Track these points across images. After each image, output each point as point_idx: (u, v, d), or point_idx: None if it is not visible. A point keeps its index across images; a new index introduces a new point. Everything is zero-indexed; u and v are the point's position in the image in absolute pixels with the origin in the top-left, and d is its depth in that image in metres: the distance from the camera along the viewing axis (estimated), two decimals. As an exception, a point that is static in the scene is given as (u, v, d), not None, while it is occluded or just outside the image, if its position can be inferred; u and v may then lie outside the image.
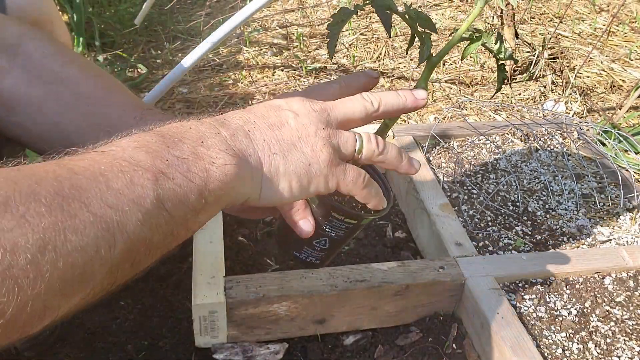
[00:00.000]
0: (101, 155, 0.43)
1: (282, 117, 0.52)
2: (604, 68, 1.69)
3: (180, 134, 0.47)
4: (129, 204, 0.41)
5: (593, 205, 1.01)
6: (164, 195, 0.43)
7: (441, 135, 1.13)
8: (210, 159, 0.47)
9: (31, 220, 0.35)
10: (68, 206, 0.37)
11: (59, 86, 0.66)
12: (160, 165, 0.44)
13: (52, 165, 0.40)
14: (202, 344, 0.76)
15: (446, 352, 0.77)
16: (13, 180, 0.36)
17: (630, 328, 0.77)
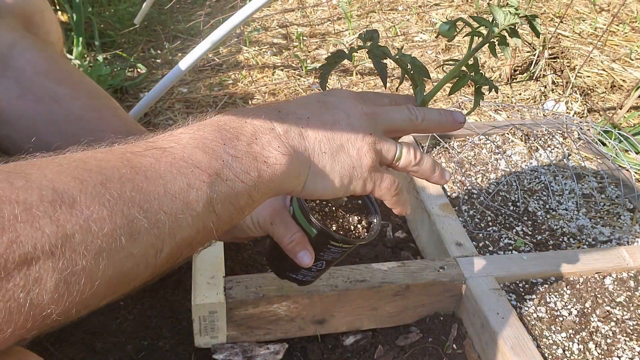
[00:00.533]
0: (162, 153, 0.43)
1: (335, 116, 0.53)
2: (604, 68, 1.68)
3: (236, 128, 0.48)
4: (182, 208, 0.42)
5: (593, 205, 1.01)
6: (216, 198, 0.44)
7: (441, 135, 1.13)
8: (263, 157, 0.47)
9: (93, 226, 0.35)
10: (128, 210, 0.38)
11: (51, 104, 0.65)
12: (216, 165, 0.44)
13: (116, 160, 0.40)
14: (202, 344, 0.76)
15: (446, 353, 0.77)
16: (80, 178, 0.36)
17: (630, 328, 0.77)
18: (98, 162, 0.39)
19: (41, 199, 0.34)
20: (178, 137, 0.45)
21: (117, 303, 0.87)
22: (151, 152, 0.42)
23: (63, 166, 0.37)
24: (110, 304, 0.86)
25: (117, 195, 0.37)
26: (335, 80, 1.59)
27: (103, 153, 0.40)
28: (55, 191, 0.35)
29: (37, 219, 0.33)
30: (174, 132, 0.46)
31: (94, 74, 1.46)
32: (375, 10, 1.96)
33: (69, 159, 0.38)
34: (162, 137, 0.45)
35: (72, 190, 0.35)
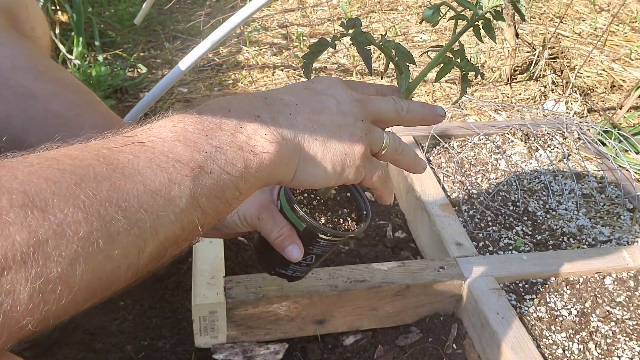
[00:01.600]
0: (140, 148, 0.41)
1: (324, 102, 0.52)
2: (604, 68, 1.68)
3: (219, 118, 0.46)
4: (164, 205, 0.40)
5: (593, 205, 1.01)
6: (200, 192, 0.42)
7: (441, 135, 1.13)
8: (249, 146, 0.45)
9: (68, 230, 0.34)
10: (105, 211, 0.36)
11: (28, 101, 0.63)
12: (198, 158, 0.42)
13: (91, 157, 0.38)
14: (202, 344, 0.76)
15: (446, 353, 0.77)
16: (53, 179, 0.35)
17: (630, 328, 0.77)
18: (72, 161, 0.37)
19: (11, 204, 0.32)
20: (158, 130, 0.43)
21: (117, 303, 0.87)
22: (129, 148, 0.40)
23: (34, 166, 0.35)
24: (109, 305, 0.86)
25: (92, 195, 0.35)
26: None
27: (78, 150, 0.38)
28: (26, 194, 0.33)
29: (7, 225, 0.32)
30: (153, 125, 0.44)
31: (94, 74, 1.46)
32: (375, 10, 1.96)
33: (41, 158, 0.36)
34: (141, 131, 0.43)
35: (45, 193, 0.34)
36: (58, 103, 0.64)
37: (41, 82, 0.64)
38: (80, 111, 0.64)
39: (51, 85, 0.64)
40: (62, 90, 0.65)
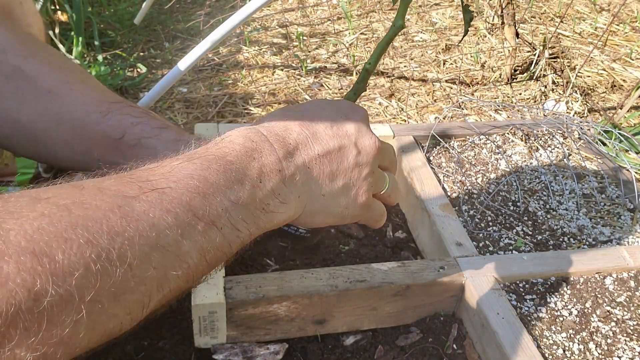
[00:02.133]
0: (158, 196, 0.39)
1: (346, 152, 0.52)
2: (604, 68, 1.68)
3: (243, 169, 0.44)
4: (173, 262, 0.38)
5: (594, 205, 1.00)
6: (209, 248, 0.41)
7: (441, 135, 1.13)
8: (263, 204, 0.45)
9: (75, 294, 0.32)
10: (114, 271, 0.34)
11: (18, 81, 0.62)
12: (214, 213, 0.41)
13: (106, 207, 0.36)
14: (202, 345, 0.75)
15: (447, 353, 0.77)
16: (64, 237, 0.32)
17: (631, 328, 0.77)
18: (85, 212, 0.35)
19: (19, 268, 0.30)
20: (178, 173, 0.41)
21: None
22: (147, 196, 0.38)
23: (45, 218, 0.33)
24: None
25: (104, 255, 0.34)
26: (335, 80, 1.59)
27: (92, 194, 0.36)
28: (35, 256, 0.31)
29: (13, 293, 0.30)
30: (173, 165, 0.42)
31: (93, 73, 1.46)
32: (375, 10, 1.96)
33: (52, 204, 0.34)
34: (160, 173, 0.41)
35: (54, 254, 0.32)
36: (48, 81, 0.63)
37: (30, 61, 0.63)
38: (72, 87, 0.64)
39: (40, 64, 0.64)
40: (52, 69, 0.64)
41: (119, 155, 0.64)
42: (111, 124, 0.63)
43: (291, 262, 0.91)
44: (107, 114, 0.63)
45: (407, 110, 1.47)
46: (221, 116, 1.42)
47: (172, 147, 0.63)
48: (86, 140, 0.63)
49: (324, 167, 0.51)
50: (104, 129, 0.63)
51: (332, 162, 0.51)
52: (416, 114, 1.46)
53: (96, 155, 0.64)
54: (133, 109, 0.65)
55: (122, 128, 0.63)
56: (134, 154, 0.63)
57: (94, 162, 0.64)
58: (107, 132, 0.63)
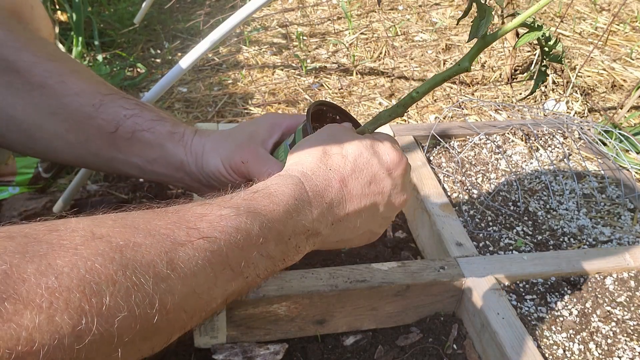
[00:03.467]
0: (204, 244, 0.40)
1: (375, 210, 0.55)
2: (605, 67, 1.68)
3: (280, 228, 0.46)
4: (202, 306, 0.40)
5: (594, 205, 1.00)
6: (232, 292, 0.43)
7: (441, 134, 1.13)
8: (284, 255, 0.48)
9: (114, 334, 0.33)
10: (153, 315, 0.35)
11: (10, 76, 0.62)
12: (245, 266, 0.43)
13: (155, 252, 0.37)
14: (202, 345, 0.75)
15: (447, 353, 0.76)
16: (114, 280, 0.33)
17: (631, 328, 0.77)
18: (135, 254, 0.36)
19: (67, 305, 0.31)
20: (225, 224, 0.43)
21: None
22: (192, 244, 0.40)
23: (99, 257, 0.34)
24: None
25: (148, 301, 0.35)
26: (335, 80, 1.59)
27: (143, 235, 0.37)
28: (84, 295, 0.32)
29: (59, 329, 0.30)
30: (222, 215, 0.43)
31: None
32: (375, 9, 1.95)
33: (106, 243, 0.35)
34: (208, 220, 0.42)
35: (103, 295, 0.33)
36: (39, 73, 0.62)
37: (21, 54, 0.62)
38: (64, 79, 0.63)
39: (32, 56, 0.63)
40: (43, 61, 0.63)
41: (115, 149, 0.63)
42: (104, 117, 0.62)
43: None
44: (99, 106, 0.62)
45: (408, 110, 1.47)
46: (221, 116, 1.42)
47: (167, 142, 0.63)
48: (82, 133, 0.63)
49: (350, 222, 0.53)
50: (97, 123, 0.63)
51: (360, 217, 0.53)
52: (416, 113, 1.46)
53: (93, 149, 0.63)
54: (126, 101, 0.64)
55: (116, 121, 0.63)
56: (130, 148, 0.63)
57: (91, 156, 0.64)
58: (101, 125, 0.63)
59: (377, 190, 0.53)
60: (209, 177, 0.63)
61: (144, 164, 0.64)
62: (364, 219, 0.54)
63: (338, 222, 0.52)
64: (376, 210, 0.54)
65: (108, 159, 0.64)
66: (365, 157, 0.53)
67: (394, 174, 0.54)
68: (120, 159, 0.64)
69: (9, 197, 1.10)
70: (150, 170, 0.64)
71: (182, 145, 0.63)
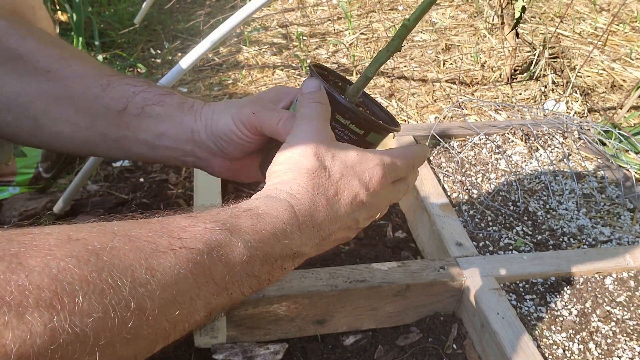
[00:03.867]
0: (185, 254, 0.40)
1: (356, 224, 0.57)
2: (604, 68, 1.68)
3: (267, 249, 0.47)
4: (184, 317, 0.40)
5: (594, 205, 1.00)
6: (215, 307, 0.44)
7: (441, 135, 1.13)
8: (270, 276, 0.48)
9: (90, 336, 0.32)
10: (131, 319, 0.35)
11: (15, 63, 0.61)
12: (229, 281, 0.44)
13: (134, 256, 0.37)
14: (202, 344, 0.75)
15: (446, 353, 0.77)
16: (88, 280, 0.33)
17: (631, 328, 0.77)
18: (112, 259, 0.35)
19: (38, 303, 0.30)
20: (208, 237, 0.43)
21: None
22: (174, 253, 0.40)
23: (73, 259, 0.33)
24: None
25: (124, 303, 0.34)
26: (335, 80, 1.59)
27: (123, 241, 0.37)
28: (56, 294, 0.31)
29: (29, 326, 0.30)
30: (206, 228, 0.43)
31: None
32: (375, 10, 1.96)
33: (81, 246, 0.35)
34: (191, 232, 0.42)
35: (76, 294, 0.32)
36: (43, 58, 0.62)
37: (24, 41, 0.62)
38: (68, 63, 0.63)
39: (35, 43, 0.63)
40: (46, 46, 0.63)
41: (123, 127, 0.63)
42: (112, 96, 0.62)
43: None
44: (107, 86, 0.62)
45: (407, 110, 1.47)
46: (221, 116, 1.42)
47: (176, 112, 0.63)
48: (89, 115, 0.63)
49: (332, 238, 0.55)
50: (106, 102, 0.62)
51: (341, 231, 0.55)
52: (416, 114, 1.46)
53: (101, 130, 0.63)
54: (132, 79, 0.64)
55: (125, 98, 0.62)
56: (139, 124, 0.63)
57: (99, 138, 0.64)
58: (110, 104, 0.62)
59: (357, 207, 0.55)
60: (219, 139, 0.62)
61: (152, 140, 0.63)
62: (343, 232, 0.56)
63: (322, 242, 0.54)
64: (355, 223, 0.56)
65: (116, 139, 0.64)
66: (346, 177, 0.54)
67: (373, 192, 0.56)
68: (129, 137, 0.63)
69: (9, 197, 1.10)
70: (159, 146, 0.64)
71: (192, 114, 0.63)
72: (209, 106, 0.64)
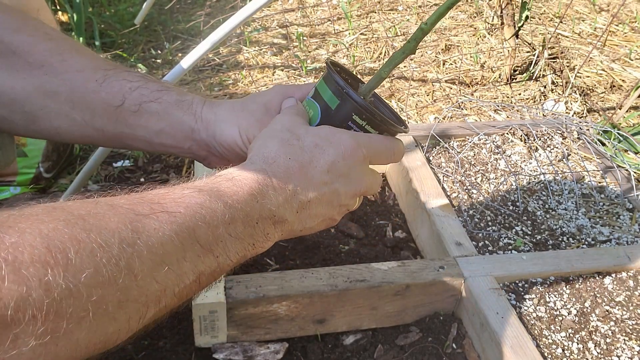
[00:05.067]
0: (167, 217, 0.41)
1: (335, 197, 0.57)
2: (604, 68, 1.68)
3: (246, 209, 0.48)
4: (173, 280, 0.41)
5: (593, 205, 1.01)
6: (204, 272, 0.44)
7: (441, 135, 1.13)
8: (253, 240, 0.49)
9: (84, 292, 0.34)
10: (122, 278, 0.36)
11: (10, 58, 0.61)
12: (213, 242, 0.44)
13: (119, 221, 0.38)
14: (202, 344, 0.76)
15: (446, 352, 0.77)
16: (78, 239, 0.34)
17: (630, 328, 0.77)
18: (99, 222, 0.37)
19: (32, 259, 0.32)
20: (188, 200, 0.44)
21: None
22: (157, 216, 0.41)
23: (61, 222, 0.35)
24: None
25: (114, 262, 0.36)
26: (335, 80, 1.59)
27: (105, 208, 0.39)
28: (49, 250, 0.33)
29: (25, 280, 0.31)
30: (184, 193, 0.45)
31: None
32: (375, 10, 1.96)
33: (67, 214, 0.36)
34: (171, 198, 0.44)
35: (68, 250, 0.33)
36: (38, 53, 0.62)
37: (19, 35, 0.62)
38: (63, 57, 0.63)
39: (29, 37, 0.62)
40: (41, 40, 0.63)
41: (121, 124, 0.63)
42: (109, 91, 0.62)
43: (291, 262, 0.91)
44: (103, 81, 0.62)
45: (407, 110, 1.48)
46: (221, 116, 1.42)
47: (175, 110, 0.63)
48: (86, 110, 0.62)
49: (312, 209, 0.55)
50: (102, 97, 0.62)
51: (321, 204, 0.55)
52: (416, 114, 1.47)
53: (99, 126, 0.63)
54: (129, 74, 0.64)
55: (122, 94, 0.62)
56: (137, 121, 0.63)
57: (97, 133, 0.64)
58: (107, 100, 0.62)
59: (335, 177, 0.55)
60: (220, 146, 0.63)
61: (150, 137, 0.63)
62: (324, 205, 0.55)
63: (302, 210, 0.54)
64: (336, 196, 0.56)
65: (114, 134, 0.64)
66: (321, 146, 0.55)
67: (349, 162, 0.56)
68: (127, 134, 0.63)
69: (10, 197, 1.10)
70: (157, 143, 0.64)
71: (191, 113, 0.63)
72: (210, 107, 0.64)
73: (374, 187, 0.60)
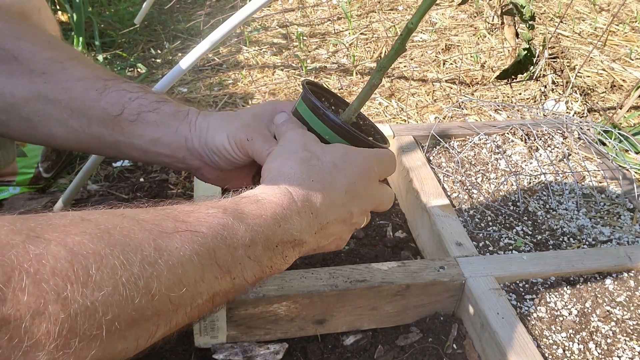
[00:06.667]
0: (190, 237, 0.41)
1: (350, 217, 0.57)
2: (604, 68, 1.68)
3: (267, 233, 0.48)
4: (188, 300, 0.41)
5: (594, 205, 1.01)
6: (218, 292, 0.44)
7: (441, 135, 1.13)
8: (271, 263, 0.49)
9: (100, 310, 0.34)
10: (138, 298, 0.36)
11: (10, 65, 0.61)
12: (232, 265, 0.44)
13: (142, 237, 0.38)
14: (202, 344, 0.76)
15: (446, 353, 0.77)
16: (101, 254, 0.34)
17: (631, 328, 0.77)
18: (123, 238, 0.37)
19: (54, 272, 0.32)
20: (211, 220, 0.44)
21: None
22: (180, 235, 0.41)
23: (87, 235, 0.35)
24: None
25: (133, 280, 0.36)
26: (335, 80, 1.59)
27: (131, 223, 0.39)
28: (72, 265, 0.33)
29: (44, 294, 0.31)
30: (209, 213, 0.45)
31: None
32: (375, 10, 1.96)
33: (94, 225, 0.36)
34: (196, 217, 0.44)
35: (90, 267, 0.33)
36: (40, 60, 0.63)
37: (20, 42, 0.62)
38: (64, 66, 0.63)
39: (30, 44, 0.63)
40: (43, 48, 0.63)
41: (118, 132, 0.63)
42: (109, 101, 0.63)
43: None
44: (103, 91, 0.63)
45: (407, 110, 1.48)
46: (221, 116, 1.42)
47: (172, 120, 0.64)
48: (84, 118, 0.63)
49: (329, 230, 0.55)
50: (102, 106, 0.63)
51: (337, 224, 0.56)
52: (416, 114, 1.46)
53: (96, 134, 0.64)
54: (129, 84, 0.65)
55: (121, 104, 0.63)
56: (134, 130, 0.63)
57: (93, 140, 0.64)
58: (106, 109, 0.63)
59: (351, 198, 0.56)
60: (212, 153, 0.64)
61: (146, 145, 0.64)
62: (339, 225, 0.56)
63: (319, 231, 0.54)
64: (349, 216, 0.57)
65: (110, 142, 0.64)
66: (339, 166, 0.55)
67: (365, 183, 0.57)
68: (123, 142, 0.64)
69: (10, 197, 1.10)
70: (152, 152, 0.65)
71: (186, 123, 0.64)
72: (204, 117, 0.65)
73: (384, 203, 0.61)
